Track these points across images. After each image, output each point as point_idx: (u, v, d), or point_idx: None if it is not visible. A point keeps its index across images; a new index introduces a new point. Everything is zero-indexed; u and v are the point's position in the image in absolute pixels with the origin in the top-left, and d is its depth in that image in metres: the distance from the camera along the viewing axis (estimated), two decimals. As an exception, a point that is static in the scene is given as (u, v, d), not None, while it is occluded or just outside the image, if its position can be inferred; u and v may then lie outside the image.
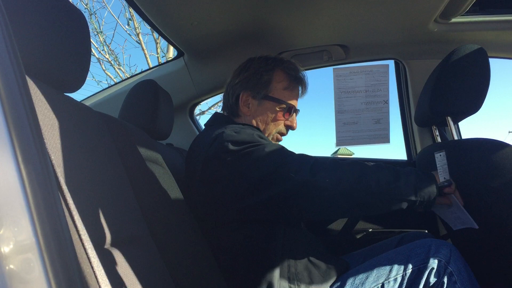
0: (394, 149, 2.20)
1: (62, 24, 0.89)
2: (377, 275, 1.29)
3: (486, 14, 1.61)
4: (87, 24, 0.99)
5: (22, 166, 0.48)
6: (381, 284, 1.27)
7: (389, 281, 1.27)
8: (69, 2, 0.95)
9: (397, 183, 1.19)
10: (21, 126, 0.50)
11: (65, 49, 0.89)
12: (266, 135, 1.53)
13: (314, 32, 1.73)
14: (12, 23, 0.55)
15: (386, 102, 2.03)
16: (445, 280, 1.23)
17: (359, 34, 1.76)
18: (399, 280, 1.26)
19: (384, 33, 1.75)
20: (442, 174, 1.28)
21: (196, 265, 1.10)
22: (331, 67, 2.08)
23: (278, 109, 1.51)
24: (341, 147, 2.27)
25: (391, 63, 2.08)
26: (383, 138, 2.06)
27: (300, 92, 1.58)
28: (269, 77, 1.51)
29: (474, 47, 1.41)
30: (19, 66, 0.53)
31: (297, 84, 1.55)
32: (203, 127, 2.40)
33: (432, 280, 1.24)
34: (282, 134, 1.57)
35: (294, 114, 1.56)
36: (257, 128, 1.45)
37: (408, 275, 1.26)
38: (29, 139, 0.51)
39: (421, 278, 1.25)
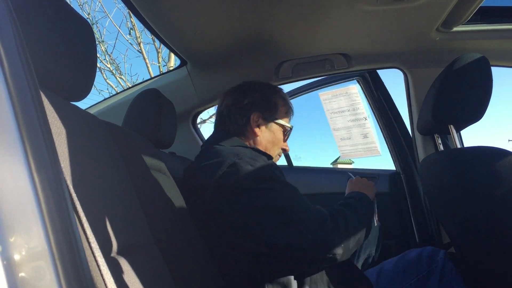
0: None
1: (69, 33, 0.90)
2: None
3: (488, 23, 1.62)
4: (93, 33, 1.00)
5: (34, 174, 0.49)
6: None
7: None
8: (76, 12, 0.96)
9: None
10: (34, 135, 0.51)
11: (72, 58, 0.90)
12: (272, 154, 1.56)
13: (316, 41, 1.74)
14: (23, 35, 0.56)
15: (367, 118, 2.25)
16: (450, 275, 1.46)
17: (361, 43, 1.77)
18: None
19: (386, 42, 1.76)
20: None
21: (201, 274, 1.10)
22: (317, 92, 2.36)
23: (282, 132, 1.57)
24: (340, 157, 2.47)
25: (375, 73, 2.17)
26: (374, 150, 2.25)
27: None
28: (276, 101, 1.56)
29: (476, 55, 1.42)
30: (33, 79, 0.53)
31: (291, 109, 1.64)
32: (205, 136, 2.43)
33: (441, 276, 1.46)
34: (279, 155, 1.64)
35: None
36: (266, 154, 1.42)
37: (420, 279, 1.46)
38: (42, 148, 0.51)
39: (433, 276, 1.46)
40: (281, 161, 2.67)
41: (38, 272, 0.47)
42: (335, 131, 2.32)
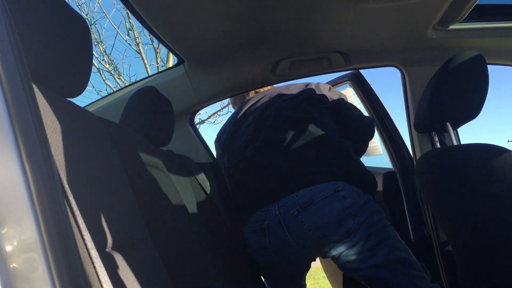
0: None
1: (65, 29, 0.90)
2: None
3: (484, 21, 1.63)
4: (89, 29, 1.00)
5: (26, 165, 0.49)
6: None
7: None
8: (72, 8, 0.96)
9: None
10: (26, 127, 0.51)
11: (68, 54, 0.90)
12: None
13: (313, 39, 1.74)
14: (16, 29, 0.56)
15: None
16: None
17: (358, 41, 1.77)
18: None
19: (383, 41, 1.76)
20: None
21: (196, 269, 1.10)
22: None
23: None
24: None
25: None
26: (375, 150, 2.37)
27: None
28: None
29: (472, 53, 1.43)
30: (25, 73, 0.54)
31: None
32: (203, 135, 2.44)
33: None
34: None
35: None
36: None
37: None
38: (34, 140, 0.51)
39: None
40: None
41: (31, 263, 0.47)
42: None
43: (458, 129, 1.74)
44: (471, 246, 1.42)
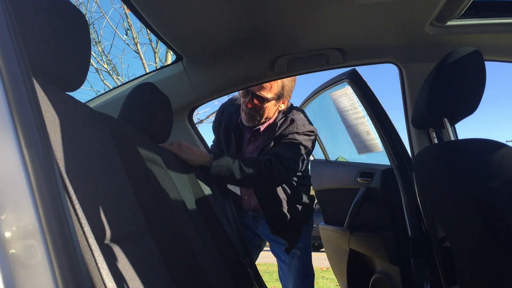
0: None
1: (63, 23, 0.90)
2: None
3: (482, 17, 1.63)
4: (87, 22, 1.01)
5: (26, 154, 0.49)
6: None
7: None
8: (70, 2, 0.96)
9: None
10: (25, 118, 0.51)
11: (66, 47, 0.90)
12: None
13: (311, 36, 1.74)
14: (16, 23, 0.56)
15: (364, 117, 2.35)
16: None
17: (356, 38, 1.77)
18: None
19: (380, 37, 1.76)
20: None
21: (193, 263, 1.10)
22: (327, 92, 2.50)
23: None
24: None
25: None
26: (375, 147, 2.36)
27: None
28: None
29: (469, 49, 1.43)
30: (25, 66, 0.54)
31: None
32: (202, 133, 2.46)
33: None
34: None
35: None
36: None
37: None
38: (33, 130, 0.52)
39: None
40: (319, 155, 3.03)
41: (29, 250, 0.48)
42: (348, 128, 2.45)
43: (457, 130, 1.75)
44: (469, 241, 1.43)
